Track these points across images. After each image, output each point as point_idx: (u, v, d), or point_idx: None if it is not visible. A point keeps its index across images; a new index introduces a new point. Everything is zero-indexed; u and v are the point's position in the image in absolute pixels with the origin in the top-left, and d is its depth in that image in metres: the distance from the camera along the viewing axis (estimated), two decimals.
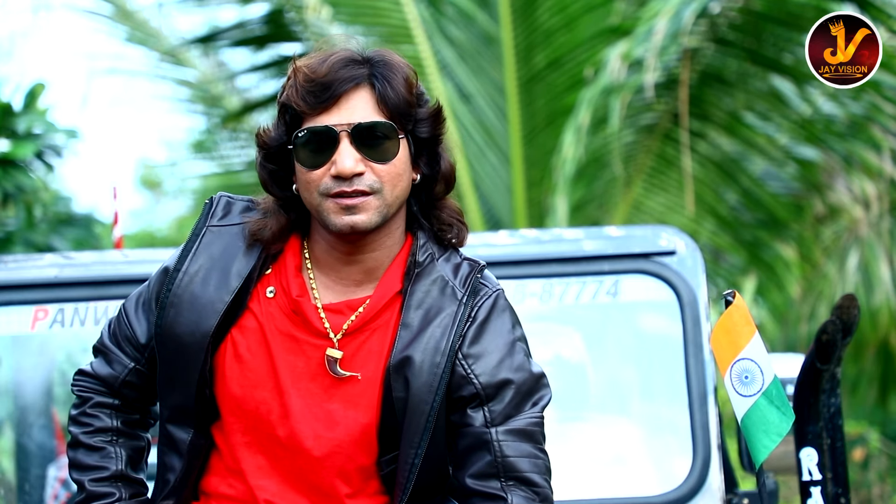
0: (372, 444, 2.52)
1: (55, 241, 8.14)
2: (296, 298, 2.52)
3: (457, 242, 2.59)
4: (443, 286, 2.53)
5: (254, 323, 2.54)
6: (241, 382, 2.52)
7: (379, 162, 2.47)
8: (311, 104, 2.47)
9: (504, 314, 2.55)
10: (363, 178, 2.46)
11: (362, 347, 2.52)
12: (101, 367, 2.62)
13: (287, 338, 2.53)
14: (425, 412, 2.47)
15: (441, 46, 9.19)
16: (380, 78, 2.48)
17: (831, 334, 3.51)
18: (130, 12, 10.74)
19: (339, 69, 2.46)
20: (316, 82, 2.46)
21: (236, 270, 2.54)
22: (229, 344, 2.53)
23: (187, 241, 2.60)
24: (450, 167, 2.58)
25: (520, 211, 9.18)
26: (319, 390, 2.51)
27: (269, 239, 2.55)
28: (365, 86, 2.48)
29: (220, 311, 2.51)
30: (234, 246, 2.56)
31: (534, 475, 2.50)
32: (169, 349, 2.54)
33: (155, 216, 26.23)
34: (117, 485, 2.58)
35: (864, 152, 8.95)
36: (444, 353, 2.49)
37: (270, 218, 2.56)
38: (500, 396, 2.50)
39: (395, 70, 2.50)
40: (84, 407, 2.61)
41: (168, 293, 2.54)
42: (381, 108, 2.48)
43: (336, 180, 2.45)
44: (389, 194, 2.48)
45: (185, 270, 2.55)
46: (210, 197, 2.64)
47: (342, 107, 2.47)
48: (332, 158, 2.46)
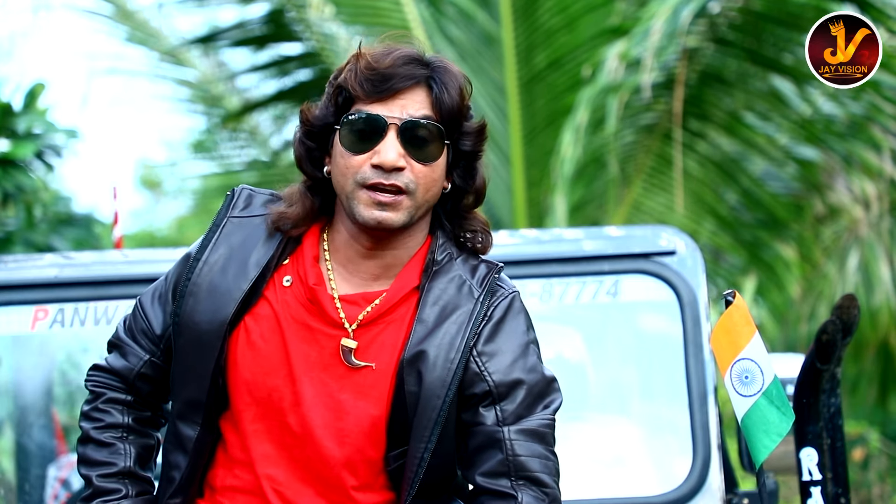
0: (381, 438, 2.52)
1: (55, 241, 8.13)
2: (312, 287, 2.54)
3: (481, 248, 2.62)
4: (460, 284, 2.55)
5: (268, 310, 2.55)
6: (253, 369, 2.53)
7: (420, 162, 2.50)
8: (368, 91, 2.50)
9: (520, 316, 2.58)
10: (402, 174, 2.48)
11: (376, 339, 2.53)
12: (116, 360, 2.63)
13: (301, 326, 2.54)
14: (437, 407, 2.48)
15: (441, 46, 9.19)
16: (438, 82, 2.52)
17: (831, 334, 3.51)
18: (130, 12, 10.74)
19: (402, 64, 2.51)
20: (377, 72, 2.50)
21: (255, 260, 2.56)
22: (242, 331, 2.55)
23: (208, 231, 2.61)
24: (483, 183, 2.63)
25: (520, 211, 9.19)
26: (331, 380, 2.52)
27: (292, 220, 2.57)
28: (423, 86, 2.53)
29: (237, 299, 2.53)
30: (254, 236, 2.58)
31: (544, 476, 2.51)
32: (186, 338, 2.55)
33: (155, 216, 26.23)
34: (124, 482, 2.59)
35: (864, 152, 8.95)
36: (458, 349, 2.50)
37: (295, 205, 2.58)
38: (512, 396, 2.52)
39: (452, 77, 2.54)
40: (96, 402, 2.62)
41: (188, 282, 2.56)
42: (434, 110, 2.52)
43: (375, 170, 2.48)
44: (421, 197, 2.51)
45: (206, 260, 2.57)
46: (232, 188, 2.66)
47: (397, 101, 2.51)
48: (375, 148, 2.49)
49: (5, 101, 7.79)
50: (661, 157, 9.10)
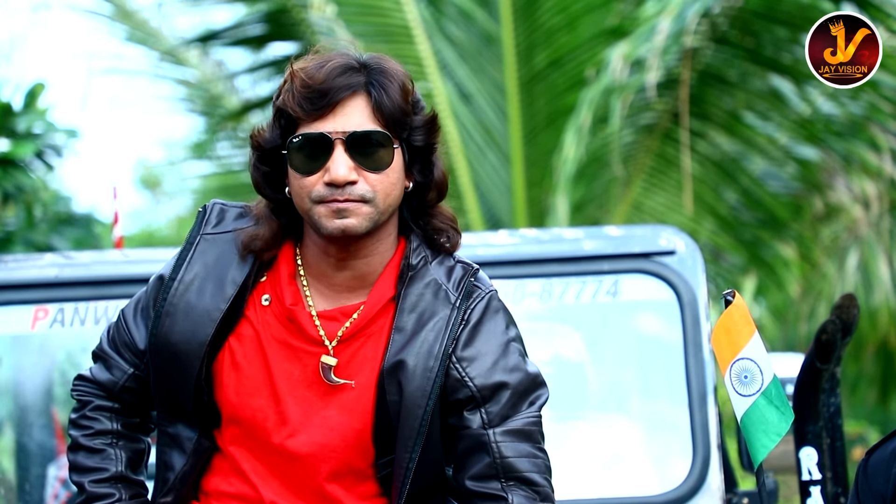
0: (367, 448, 2.52)
1: (55, 241, 8.14)
2: (289, 307, 2.52)
3: (449, 247, 2.58)
4: (436, 290, 2.53)
5: (250, 331, 2.54)
6: (237, 390, 2.53)
7: (373, 171, 2.46)
8: (307, 110, 2.46)
9: (497, 315, 2.55)
10: (356, 187, 2.45)
11: (357, 354, 2.52)
12: (101, 372, 2.61)
13: (282, 345, 2.53)
14: (419, 416, 2.47)
15: (441, 46, 9.19)
16: (376, 86, 2.47)
17: (831, 334, 3.52)
18: (130, 12, 10.74)
19: (337, 76, 2.46)
20: (312, 88, 2.46)
21: (231, 278, 2.53)
22: (227, 352, 2.53)
23: (182, 249, 2.59)
24: (442, 175, 2.57)
25: (520, 211, 9.19)
26: (315, 397, 2.51)
27: (261, 248, 2.54)
28: (361, 93, 2.48)
29: (216, 319, 2.51)
30: (228, 253, 2.56)
31: (533, 474, 2.50)
32: (163, 357, 2.54)
33: (155, 216, 26.24)
34: (117, 486, 2.58)
35: (864, 152, 8.95)
36: (437, 357, 2.48)
37: (262, 225, 2.55)
38: (496, 398, 2.50)
39: (391, 77, 2.49)
40: (84, 410, 2.60)
41: (164, 302, 2.54)
42: (376, 116, 2.47)
43: (329, 188, 2.45)
44: (382, 203, 2.48)
45: (181, 279, 2.55)
46: (203, 205, 2.63)
47: (338, 114, 2.46)
48: (325, 165, 2.45)
49: (5, 101, 7.80)
50: (661, 156, 9.10)
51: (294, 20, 9.37)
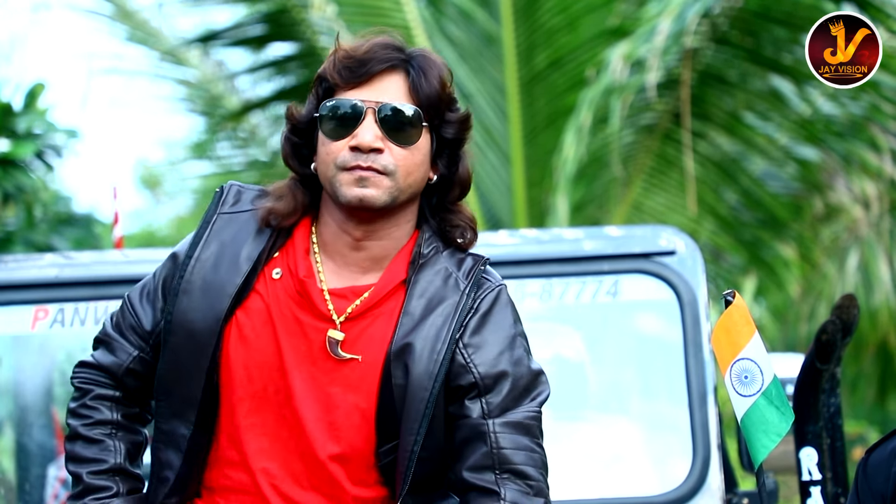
0: (371, 432, 2.52)
1: (55, 241, 8.14)
2: (302, 279, 2.54)
3: (463, 244, 2.60)
4: (446, 277, 2.55)
5: (259, 304, 2.55)
6: (246, 363, 2.53)
7: (399, 144, 2.50)
8: (344, 78, 2.52)
9: (506, 309, 2.57)
10: (380, 156, 2.49)
11: (364, 332, 2.53)
12: (104, 356, 2.61)
13: (291, 320, 2.54)
14: (424, 399, 2.49)
15: (441, 46, 9.19)
16: (416, 67, 2.53)
17: (831, 334, 3.52)
18: (130, 12, 10.74)
19: (378, 50, 2.52)
20: (354, 58, 2.52)
21: (246, 254, 2.56)
22: (234, 326, 2.54)
23: (198, 228, 2.61)
24: (467, 173, 2.61)
25: (520, 211, 9.19)
26: (321, 373, 2.52)
27: (283, 213, 2.57)
28: (400, 70, 2.53)
29: (230, 294, 2.53)
30: (244, 231, 2.58)
31: (528, 468, 2.50)
32: (179, 336, 2.54)
33: (155, 216, 26.24)
34: (115, 478, 2.57)
35: (864, 152, 8.95)
36: (444, 341, 2.50)
37: (285, 196, 2.58)
38: (497, 388, 2.52)
39: (431, 65, 2.55)
40: (84, 399, 2.60)
41: (181, 280, 2.56)
42: (411, 94, 2.52)
43: (353, 153, 2.49)
44: (403, 180, 2.51)
45: (197, 257, 2.57)
46: (220, 185, 2.66)
47: (374, 85, 2.52)
48: (354, 132, 2.49)
49: (5, 101, 7.80)
50: (661, 157, 9.10)
51: (294, 20, 9.38)
